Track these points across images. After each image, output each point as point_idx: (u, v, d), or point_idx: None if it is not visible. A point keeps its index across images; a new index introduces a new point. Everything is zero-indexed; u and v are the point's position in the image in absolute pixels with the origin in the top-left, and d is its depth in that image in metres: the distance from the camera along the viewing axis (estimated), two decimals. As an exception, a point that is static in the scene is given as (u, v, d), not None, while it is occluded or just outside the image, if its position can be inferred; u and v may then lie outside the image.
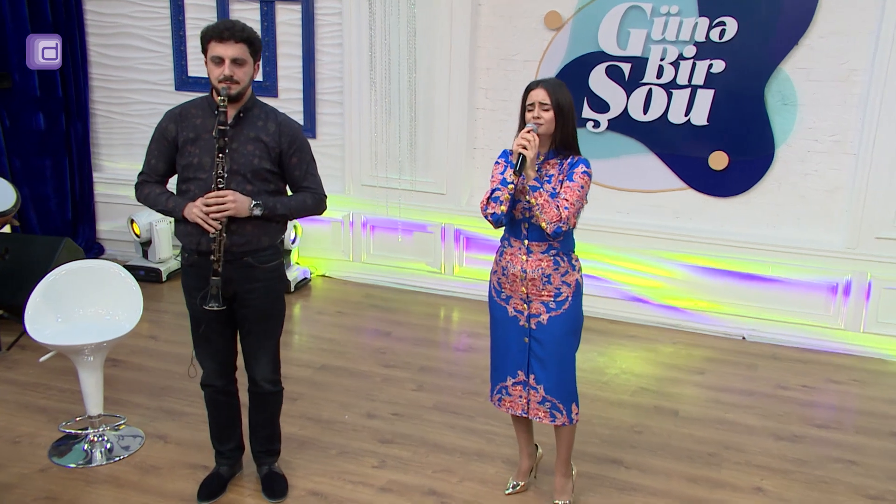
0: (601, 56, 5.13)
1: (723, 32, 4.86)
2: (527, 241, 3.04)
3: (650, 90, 5.08)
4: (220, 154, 2.89)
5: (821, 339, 4.99)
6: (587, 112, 5.23)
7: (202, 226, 2.92)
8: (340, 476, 3.50)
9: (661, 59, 5.01)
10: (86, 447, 3.63)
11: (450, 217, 5.63)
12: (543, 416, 3.15)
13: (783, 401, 4.32)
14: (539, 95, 2.95)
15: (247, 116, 2.99)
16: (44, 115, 5.78)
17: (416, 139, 5.56)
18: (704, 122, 5.03)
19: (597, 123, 5.24)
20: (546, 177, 3.01)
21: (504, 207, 2.95)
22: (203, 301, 2.98)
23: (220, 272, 2.95)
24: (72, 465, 3.54)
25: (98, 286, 3.70)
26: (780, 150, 4.97)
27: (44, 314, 3.58)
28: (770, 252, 5.01)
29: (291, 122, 3.09)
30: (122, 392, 4.16)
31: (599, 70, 5.15)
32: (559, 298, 3.04)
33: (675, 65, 4.99)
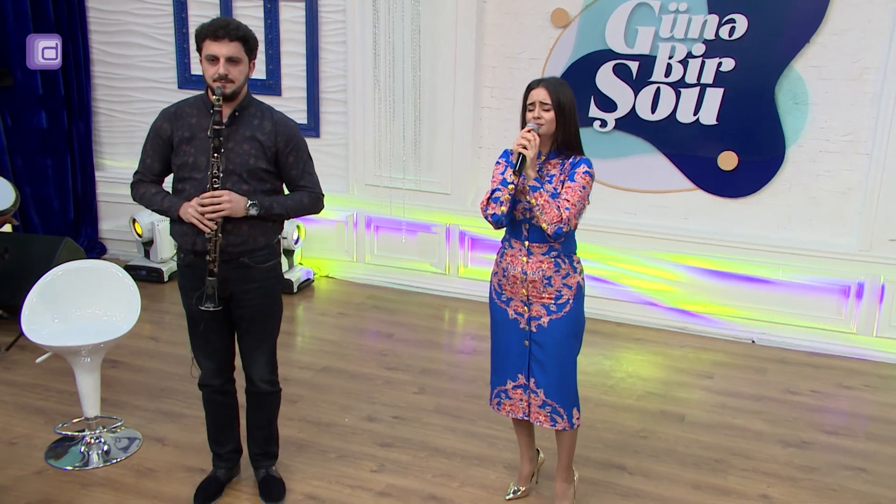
0: (608, 54, 5.08)
1: (732, 30, 4.80)
2: (527, 243, 3.01)
3: (658, 89, 5.03)
4: (216, 154, 2.87)
5: (832, 343, 4.92)
6: (594, 111, 5.18)
7: (197, 226, 2.90)
8: (338, 480, 3.47)
9: (670, 58, 4.95)
10: (82, 449, 3.62)
11: (454, 217, 5.58)
12: (544, 421, 3.12)
13: (792, 406, 4.26)
14: (540, 95, 2.92)
15: (242, 115, 2.97)
16: (46, 114, 5.77)
17: (421, 138, 5.51)
18: (714, 122, 4.97)
19: (604, 123, 5.19)
20: (547, 177, 2.99)
21: (504, 208, 2.93)
22: (199, 301, 2.97)
23: (216, 272, 2.94)
24: (68, 468, 3.52)
25: (95, 286, 3.68)
26: (791, 151, 4.90)
27: (40, 315, 3.56)
28: (781, 254, 4.94)
29: (288, 121, 3.07)
30: (121, 394, 4.15)
31: (607, 68, 5.10)
32: (560, 301, 3.01)
33: (684, 63, 4.93)
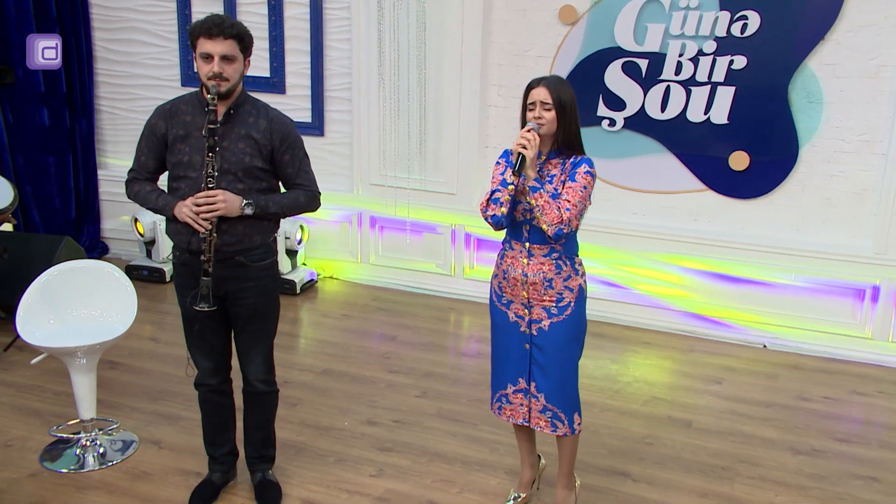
0: (617, 52, 5.00)
1: (745, 27, 4.71)
2: (528, 244, 2.96)
3: (668, 87, 4.94)
4: (210, 153, 2.85)
5: (846, 349, 4.82)
6: (602, 110, 5.10)
7: (192, 226, 2.88)
8: (336, 485, 3.43)
9: (680, 55, 4.87)
10: (78, 452, 3.59)
11: (460, 218, 5.51)
12: (544, 426, 3.07)
13: (804, 413, 4.16)
14: (540, 94, 2.88)
15: (237, 113, 2.95)
16: (48, 111, 5.75)
17: (426, 137, 5.44)
18: (725, 121, 4.88)
19: (612, 122, 5.10)
20: (548, 177, 2.94)
21: (504, 209, 2.89)
22: (193, 301, 2.95)
23: (211, 272, 2.92)
24: (63, 471, 3.49)
25: (92, 287, 3.65)
26: (805, 151, 4.81)
27: (36, 315, 3.53)
28: (793, 257, 4.85)
29: (283, 119, 3.04)
30: (119, 395, 4.12)
31: (616, 66, 5.02)
32: (561, 304, 2.96)
33: (695, 61, 4.85)
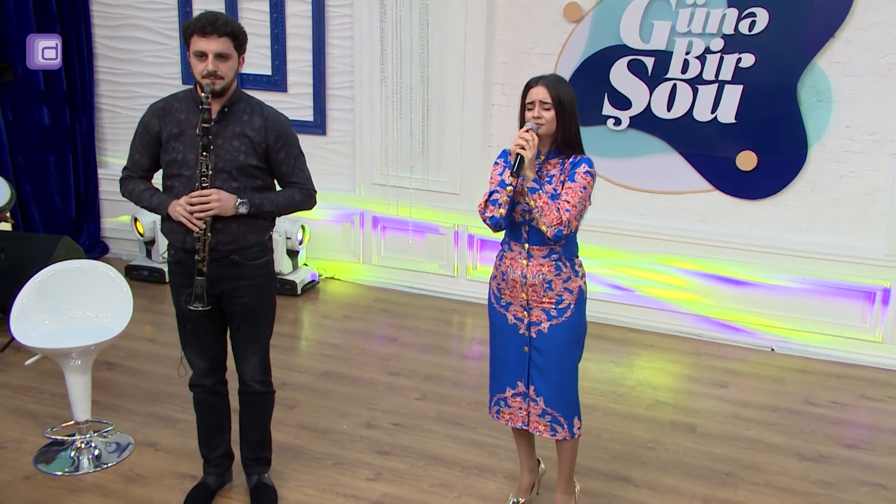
0: (623, 49, 4.94)
1: (753, 24, 4.65)
2: (527, 245, 2.91)
3: (675, 86, 4.88)
4: (205, 152, 2.83)
5: (855, 352, 4.75)
6: (607, 109, 5.05)
7: (186, 225, 2.87)
8: (332, 488, 3.39)
9: (687, 53, 4.81)
10: (72, 454, 3.55)
11: (463, 218, 5.46)
12: (544, 430, 3.02)
13: (811, 418, 4.09)
14: (539, 94, 2.83)
15: (232, 111, 2.92)
16: (48, 110, 5.72)
17: (429, 136, 5.39)
18: (732, 120, 4.82)
19: (618, 121, 5.04)
20: (547, 177, 2.90)
21: (503, 210, 2.84)
22: (187, 301, 2.93)
23: (205, 272, 2.90)
24: (58, 473, 3.46)
25: (87, 287, 3.62)
26: (814, 150, 4.74)
27: (30, 316, 3.50)
28: (802, 258, 4.78)
29: (278, 116, 3.01)
30: (116, 397, 4.10)
31: (621, 64, 4.96)
32: (561, 306, 2.91)
33: (702, 59, 4.79)
